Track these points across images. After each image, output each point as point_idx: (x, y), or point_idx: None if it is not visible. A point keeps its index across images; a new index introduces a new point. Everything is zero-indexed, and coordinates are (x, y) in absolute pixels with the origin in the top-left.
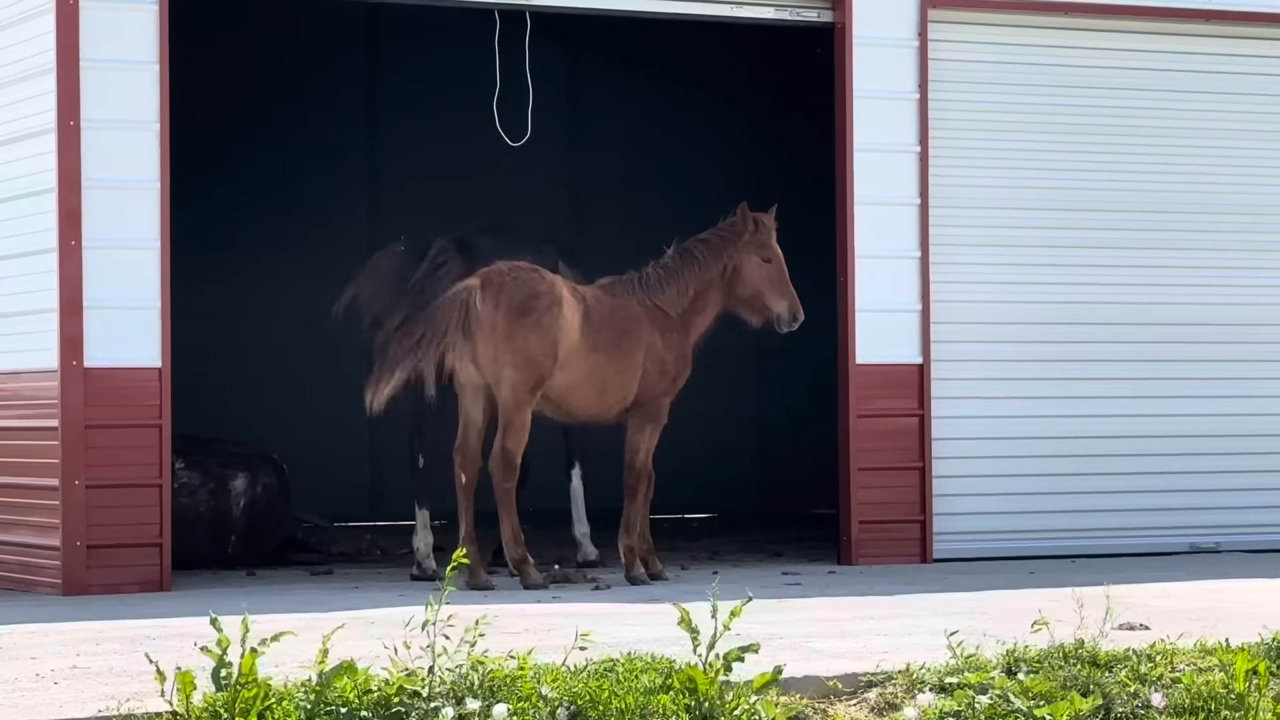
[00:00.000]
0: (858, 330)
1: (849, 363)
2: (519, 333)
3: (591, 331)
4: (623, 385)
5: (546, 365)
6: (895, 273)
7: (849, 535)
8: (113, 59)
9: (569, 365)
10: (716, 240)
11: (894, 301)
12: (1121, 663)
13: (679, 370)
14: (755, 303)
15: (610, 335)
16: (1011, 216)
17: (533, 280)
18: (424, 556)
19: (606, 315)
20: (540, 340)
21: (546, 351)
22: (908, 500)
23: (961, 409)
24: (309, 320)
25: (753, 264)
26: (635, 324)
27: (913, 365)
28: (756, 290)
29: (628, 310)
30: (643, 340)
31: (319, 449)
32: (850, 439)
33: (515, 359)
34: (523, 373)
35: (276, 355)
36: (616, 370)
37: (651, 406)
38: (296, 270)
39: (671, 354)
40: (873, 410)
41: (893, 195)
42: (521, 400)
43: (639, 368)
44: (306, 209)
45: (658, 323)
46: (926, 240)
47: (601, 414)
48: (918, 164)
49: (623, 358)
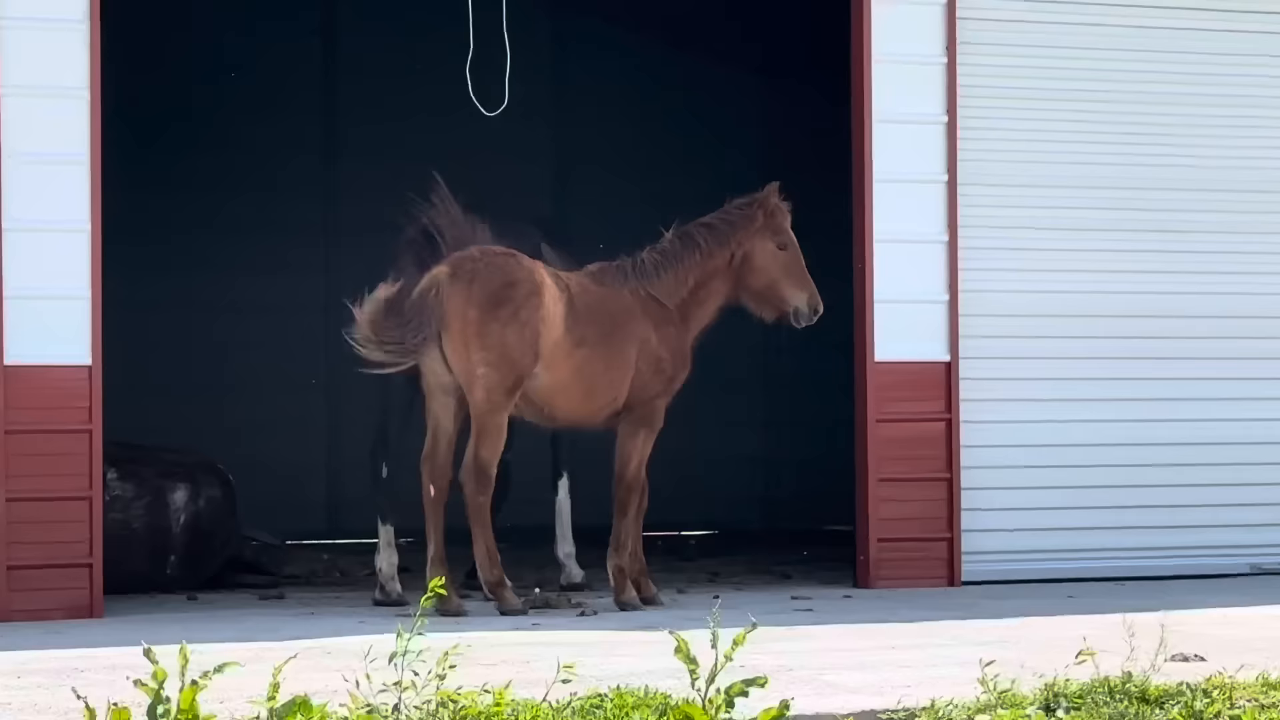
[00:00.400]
0: (876, 324)
1: (867, 361)
2: (494, 326)
3: (577, 324)
4: (612, 385)
5: (525, 362)
6: (919, 259)
7: (867, 555)
8: (36, 17)
9: (552, 362)
10: (723, 224)
11: (917, 291)
12: (1174, 698)
13: (676, 368)
14: (769, 294)
15: (598, 329)
16: (1051, 196)
17: (509, 266)
18: (388, 579)
19: (594, 306)
20: (518, 334)
21: (525, 347)
22: (933, 515)
23: (994, 412)
24: (260, 313)
25: (767, 251)
26: (627, 316)
27: (939, 363)
28: (771, 280)
29: (618, 301)
30: (635, 334)
31: (271, 458)
32: (868, 446)
33: (490, 356)
34: (499, 371)
35: (224, 352)
36: (605, 368)
37: (645, 409)
38: (247, 256)
39: (668, 350)
40: (894, 414)
41: (916, 171)
42: (497, 403)
43: (631, 365)
44: (258, 188)
45: (652, 315)
46: (955, 222)
47: (589, 417)
48: (945, 136)
49: (612, 354)
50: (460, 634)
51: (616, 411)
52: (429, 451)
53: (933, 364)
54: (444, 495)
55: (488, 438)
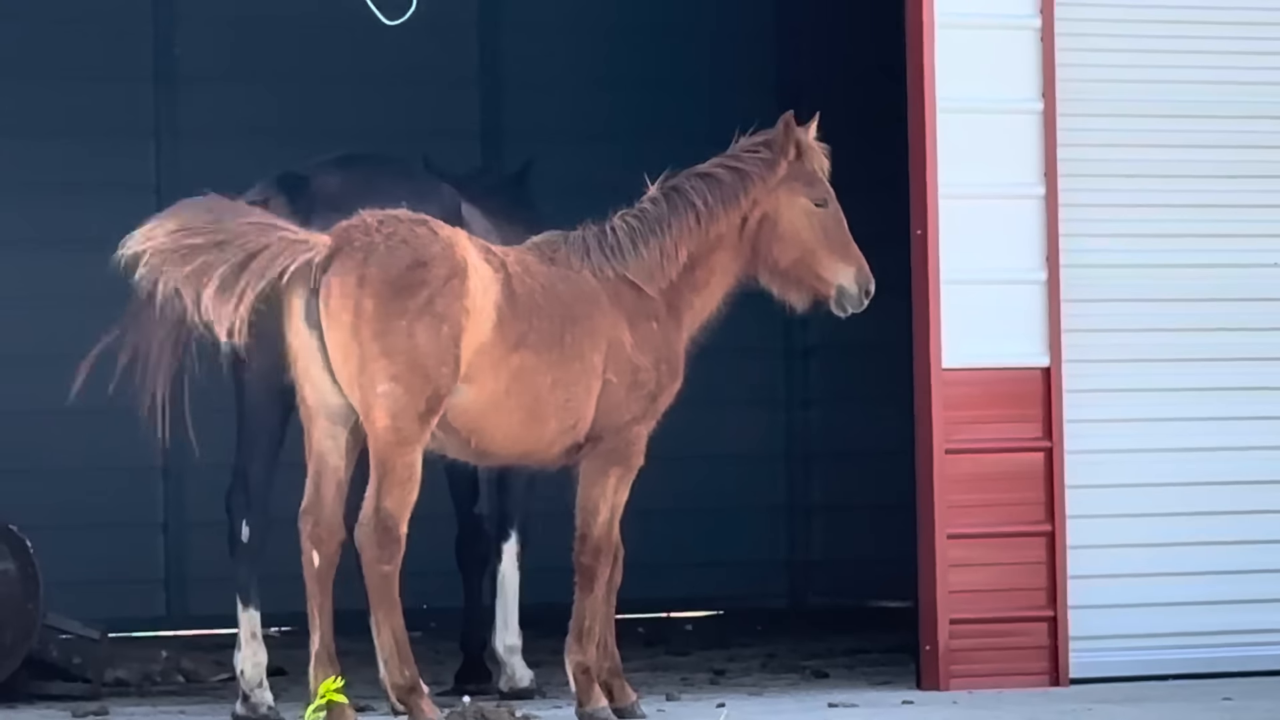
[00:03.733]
0: (944, 314)
1: (930, 367)
2: (399, 323)
3: (516, 318)
4: (568, 405)
5: (444, 374)
6: (1003, 220)
7: (934, 643)
8: None
9: (479, 372)
10: (730, 174)
11: (1002, 267)
12: None
13: (662, 381)
14: (801, 270)
15: (547, 325)
16: (1196, 128)
17: (419, 239)
18: (253, 685)
19: (540, 293)
20: (432, 333)
21: (443, 351)
22: (1027, 585)
23: (1114, 438)
24: (69, 310)
25: (796, 209)
26: (589, 307)
27: (1034, 369)
28: (804, 250)
29: (577, 286)
30: (601, 333)
31: (87, 517)
32: (934, 488)
33: (394, 366)
34: (407, 387)
35: (16, 374)
36: (557, 380)
37: (617, 440)
38: (53, 230)
39: (648, 355)
40: (970, 442)
41: (997, 96)
42: (407, 433)
43: (595, 376)
44: (73, 131)
45: (626, 306)
46: (1053, 168)
47: (535, 451)
48: (1037, 45)
49: (568, 360)
50: None
51: (577, 443)
52: (310, 503)
53: (1025, 370)
54: (332, 563)
55: (394, 482)
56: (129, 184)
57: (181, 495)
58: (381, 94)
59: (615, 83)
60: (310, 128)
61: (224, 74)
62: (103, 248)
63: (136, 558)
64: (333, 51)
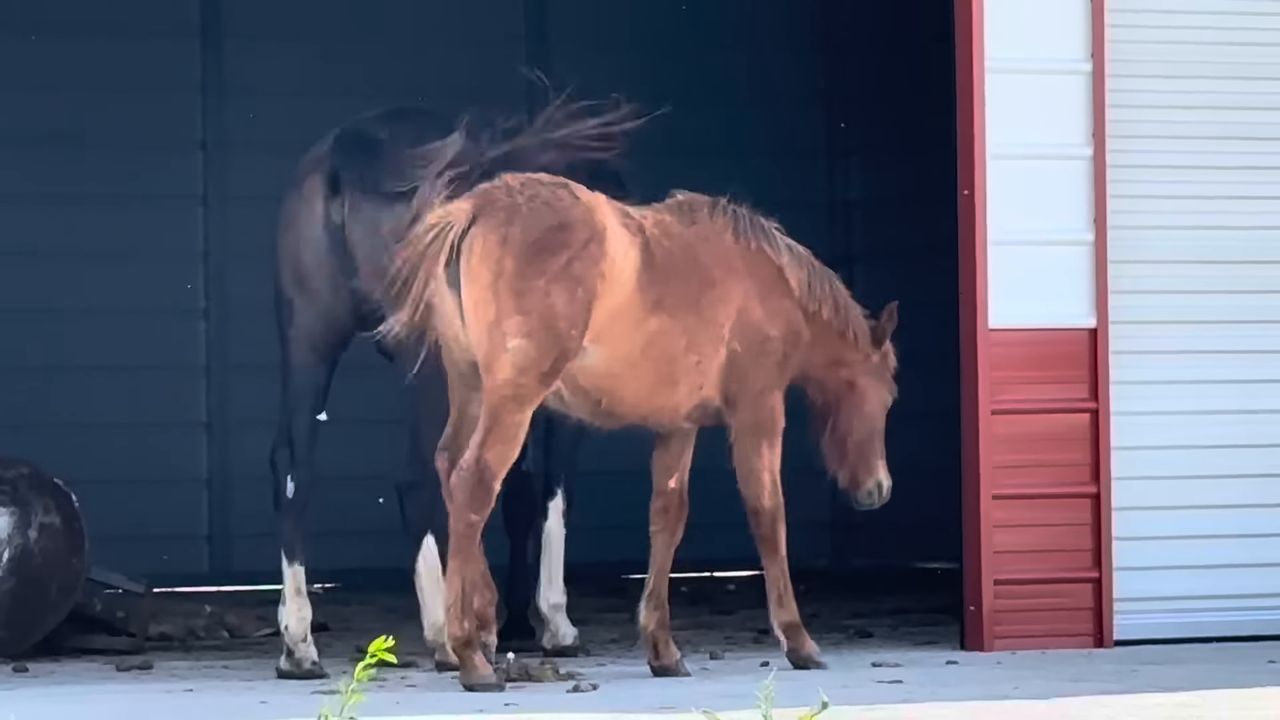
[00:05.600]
0: (991, 275)
1: (977, 327)
2: (536, 283)
3: (653, 282)
4: (699, 366)
5: (573, 337)
6: (1050, 181)
7: (979, 603)
8: None
9: (615, 335)
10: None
11: (1049, 228)
12: None
13: (788, 352)
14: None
15: (683, 287)
16: (1246, 90)
17: (560, 202)
18: (297, 640)
19: (678, 255)
20: (568, 296)
21: (575, 315)
22: (1073, 546)
23: (1161, 400)
24: (115, 280)
25: (880, 396)
26: (725, 272)
27: (1081, 330)
28: (872, 434)
29: (715, 249)
30: (732, 300)
31: (131, 472)
32: (979, 449)
33: (528, 324)
34: (538, 345)
35: (66, 329)
36: (690, 343)
37: (756, 411)
38: (102, 185)
39: (779, 326)
40: (1016, 403)
41: (1046, 56)
42: (526, 390)
43: (723, 341)
44: (115, 93)
45: (761, 277)
46: (1102, 129)
47: (662, 411)
48: (1086, 4)
49: (703, 324)
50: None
51: (704, 407)
52: (447, 441)
53: (1072, 331)
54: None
55: (499, 437)
56: (178, 140)
57: (225, 451)
58: (428, 53)
59: (662, 43)
60: (357, 86)
61: (270, 32)
62: (149, 204)
63: (181, 513)
64: (381, 9)
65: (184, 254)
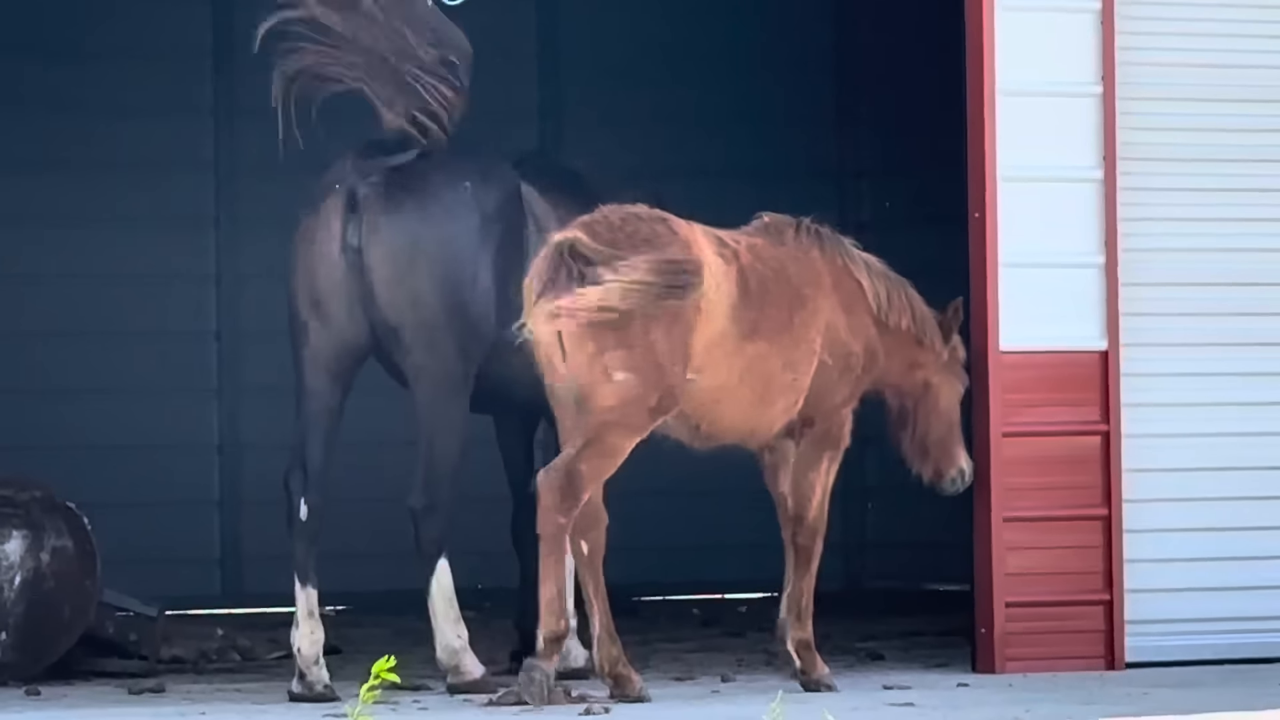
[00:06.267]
0: (1001, 298)
1: (988, 349)
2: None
3: (749, 308)
4: (794, 384)
5: (676, 372)
6: (1061, 204)
7: (990, 626)
8: None
9: (714, 363)
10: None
11: (1060, 250)
12: None
13: (867, 367)
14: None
15: (776, 309)
16: (1255, 113)
17: (658, 238)
18: (309, 663)
19: (772, 279)
20: (665, 331)
21: (675, 350)
22: (1084, 569)
23: (1172, 422)
24: (129, 296)
25: (954, 393)
26: (814, 289)
27: (1092, 353)
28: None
29: (804, 267)
30: (821, 314)
31: (144, 494)
32: (991, 471)
33: (631, 359)
34: (643, 379)
35: (78, 352)
36: (786, 363)
37: (829, 423)
38: (110, 217)
39: (860, 341)
40: (1027, 425)
41: (1057, 79)
42: (633, 422)
43: (814, 356)
44: (127, 117)
45: (845, 291)
46: (1112, 152)
47: (759, 431)
48: (1097, 28)
49: (796, 343)
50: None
51: (793, 422)
52: None
53: (1083, 354)
54: (599, 548)
55: (597, 452)
56: (191, 162)
57: (238, 473)
58: None
59: (674, 62)
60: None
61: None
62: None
63: (193, 535)
64: None
65: (196, 276)
